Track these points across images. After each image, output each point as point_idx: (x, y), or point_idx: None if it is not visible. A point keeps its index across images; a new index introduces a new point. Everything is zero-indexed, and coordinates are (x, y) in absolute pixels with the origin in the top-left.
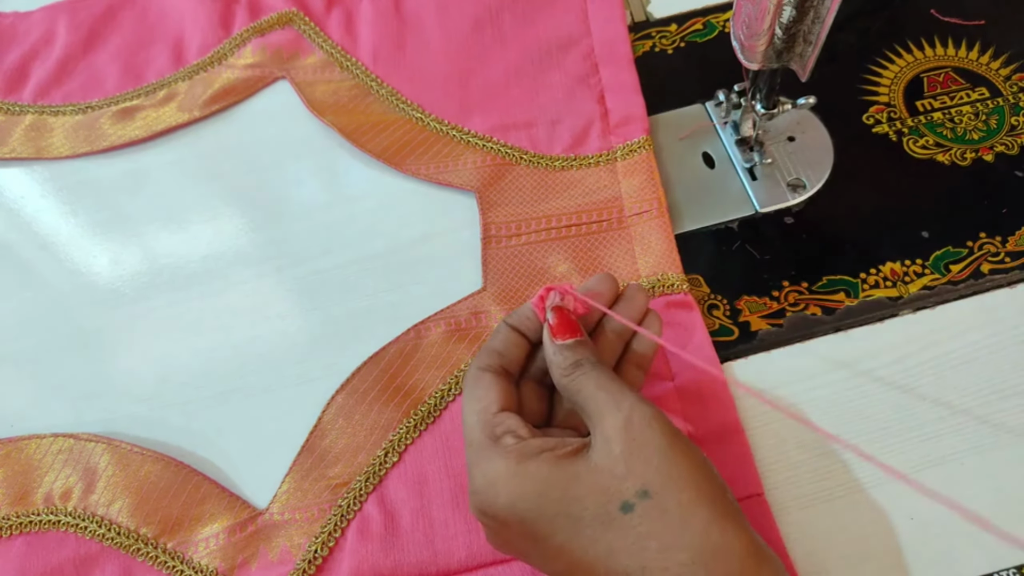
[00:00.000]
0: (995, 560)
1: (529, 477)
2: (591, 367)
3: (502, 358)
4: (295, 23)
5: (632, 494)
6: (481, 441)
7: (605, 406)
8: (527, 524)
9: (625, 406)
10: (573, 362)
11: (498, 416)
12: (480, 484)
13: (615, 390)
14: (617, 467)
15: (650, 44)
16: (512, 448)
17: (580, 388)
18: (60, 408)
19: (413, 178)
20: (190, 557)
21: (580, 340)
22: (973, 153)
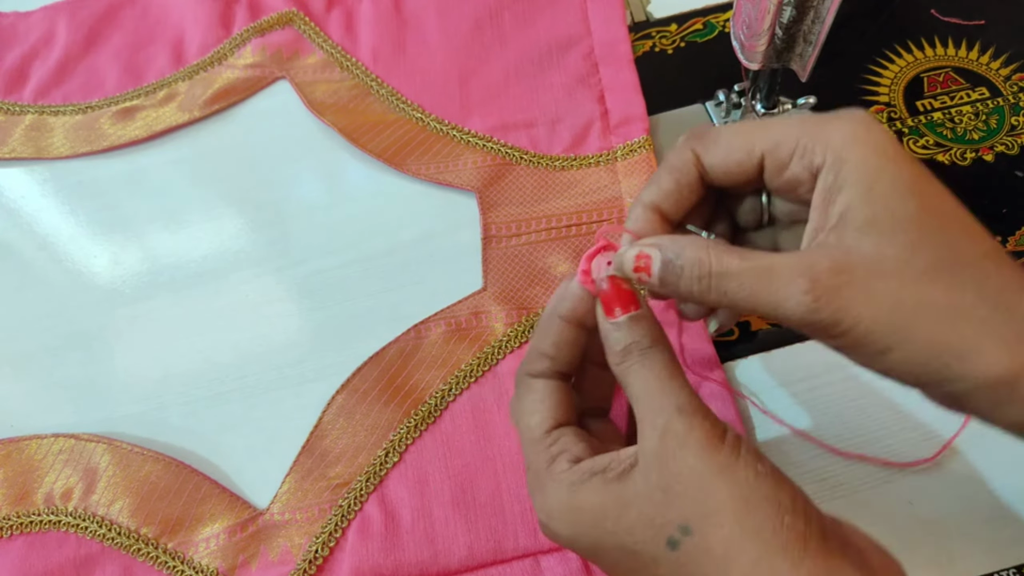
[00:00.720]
0: (995, 560)
1: (583, 510)
2: (639, 355)
3: (553, 361)
4: (295, 23)
5: (675, 528)
6: (536, 466)
7: (645, 416)
8: (593, 555)
9: (660, 422)
10: (623, 347)
11: (551, 435)
12: (542, 517)
13: (657, 392)
14: (656, 496)
15: (650, 44)
16: (564, 476)
17: (627, 383)
18: (60, 408)
19: (413, 178)
20: (191, 557)
21: (634, 316)
22: (973, 153)
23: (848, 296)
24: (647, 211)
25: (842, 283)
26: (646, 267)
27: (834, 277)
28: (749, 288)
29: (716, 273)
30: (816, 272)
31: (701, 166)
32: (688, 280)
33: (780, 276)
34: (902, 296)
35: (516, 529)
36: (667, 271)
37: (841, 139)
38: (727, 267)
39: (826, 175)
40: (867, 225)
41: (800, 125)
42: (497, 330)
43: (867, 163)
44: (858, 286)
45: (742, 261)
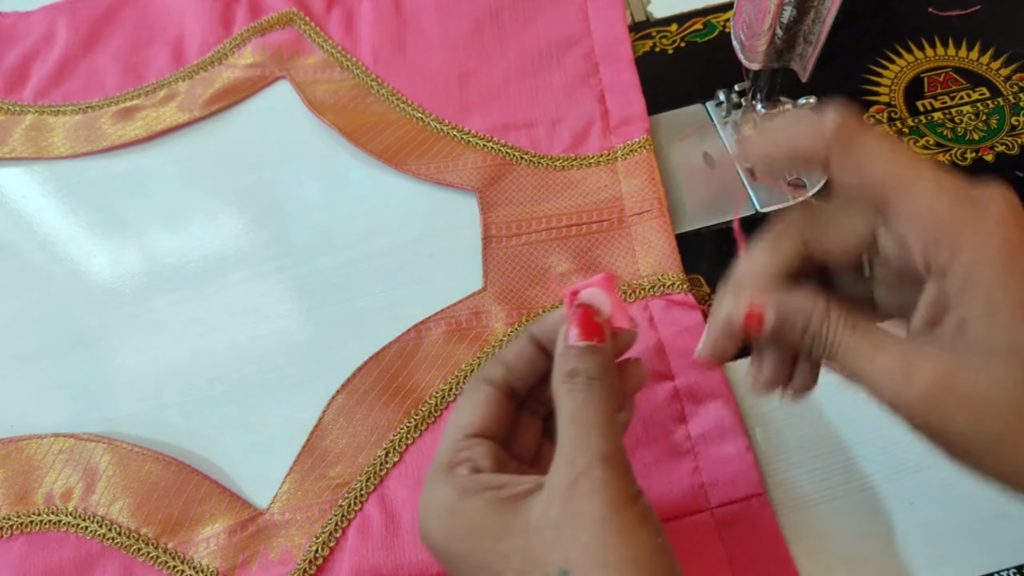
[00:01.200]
0: (995, 560)
1: (464, 516)
2: (585, 382)
3: (509, 373)
4: (295, 23)
5: (555, 570)
6: (439, 464)
7: (567, 450)
8: (456, 566)
9: (581, 462)
10: (570, 369)
11: (468, 440)
12: (422, 510)
13: (586, 430)
14: (548, 533)
15: (650, 44)
16: (459, 480)
17: (562, 404)
18: (60, 408)
19: (413, 178)
20: (191, 557)
21: (594, 346)
22: (973, 153)
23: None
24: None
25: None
26: (758, 323)
27: (932, 382)
28: (853, 364)
29: (830, 342)
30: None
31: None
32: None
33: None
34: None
35: None
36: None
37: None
38: (840, 338)
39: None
40: (981, 346)
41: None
42: (497, 330)
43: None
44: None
45: (853, 334)
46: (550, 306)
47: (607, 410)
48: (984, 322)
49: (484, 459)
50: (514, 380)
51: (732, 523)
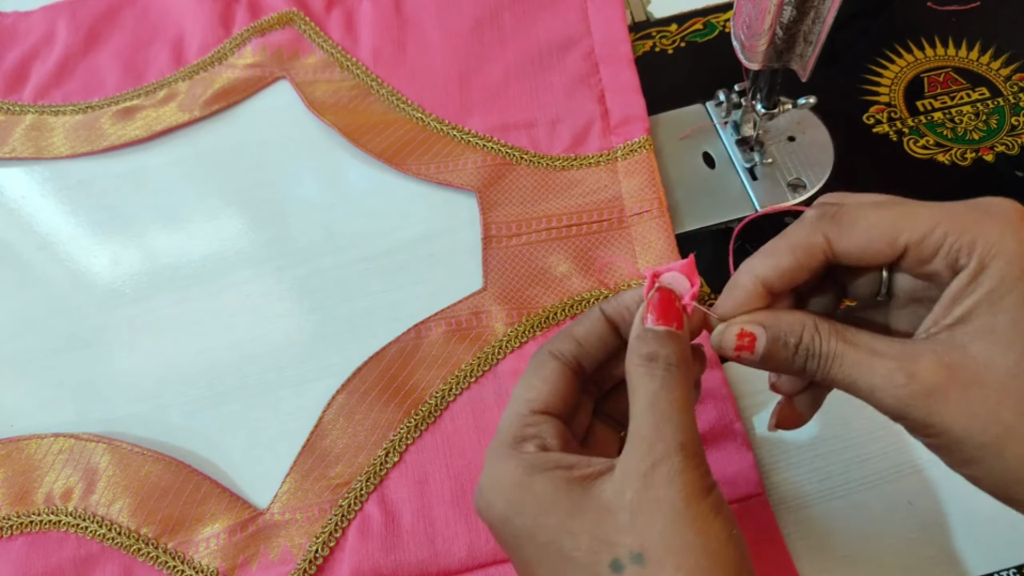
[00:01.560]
0: (995, 560)
1: (532, 492)
2: (664, 369)
3: (580, 348)
4: (295, 23)
5: (626, 553)
6: (504, 438)
7: (644, 436)
8: (518, 541)
9: (659, 448)
10: (649, 352)
11: (536, 416)
12: (485, 484)
13: (665, 417)
14: (622, 515)
15: (650, 44)
16: (527, 456)
17: (637, 387)
18: (60, 408)
19: (413, 178)
20: (191, 557)
21: (672, 333)
22: (973, 153)
23: (944, 399)
24: (756, 286)
25: (941, 384)
26: (749, 346)
27: (934, 376)
28: (850, 373)
29: (825, 354)
30: (917, 368)
31: (831, 250)
32: (800, 358)
33: (881, 364)
34: (1000, 412)
35: None
36: (775, 347)
37: (991, 242)
38: (834, 349)
39: (963, 277)
40: (984, 330)
41: (950, 218)
42: (497, 330)
43: (1006, 271)
44: (957, 391)
45: (846, 344)
46: (550, 306)
47: (685, 398)
48: (989, 309)
49: (552, 437)
50: (583, 357)
51: None
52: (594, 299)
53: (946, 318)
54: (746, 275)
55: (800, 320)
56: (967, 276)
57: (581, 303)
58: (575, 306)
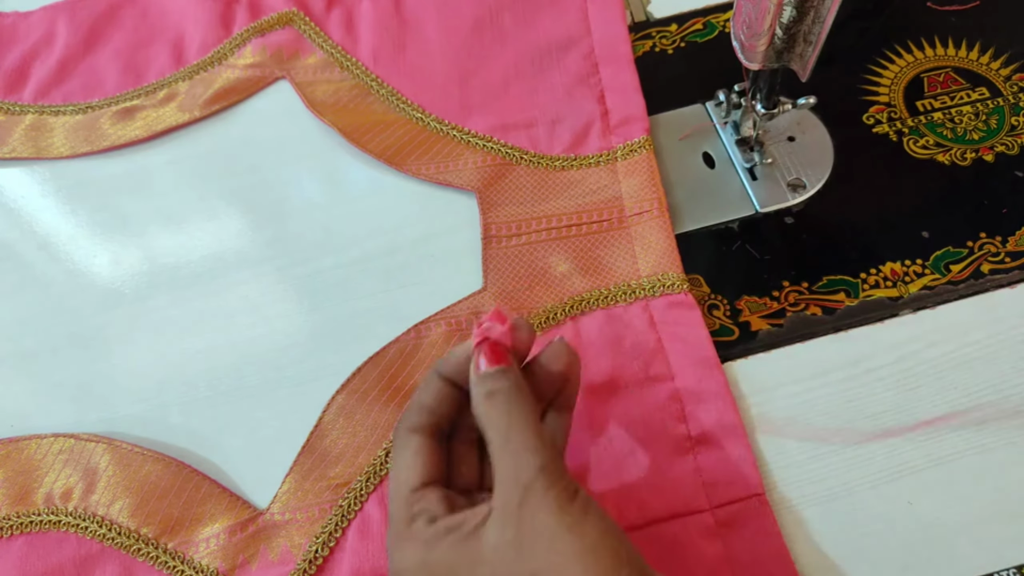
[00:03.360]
0: (995, 560)
1: (436, 566)
2: (505, 399)
3: (432, 415)
4: (295, 23)
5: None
6: (397, 523)
7: (507, 469)
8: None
9: (524, 478)
10: (489, 391)
11: (417, 493)
12: (396, 571)
13: (520, 448)
14: (508, 552)
15: (650, 44)
16: (421, 534)
17: (487, 426)
18: (60, 408)
19: (413, 178)
20: (191, 557)
21: (503, 369)
22: (973, 153)
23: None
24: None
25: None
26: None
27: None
28: None
29: None
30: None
31: None
32: None
33: None
34: None
35: None
36: None
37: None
38: None
39: None
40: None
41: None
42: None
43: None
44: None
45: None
46: (550, 306)
47: (532, 421)
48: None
49: (436, 505)
50: (439, 420)
51: (732, 523)
52: (594, 299)
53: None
54: None
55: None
56: None
57: (581, 303)
58: (575, 306)
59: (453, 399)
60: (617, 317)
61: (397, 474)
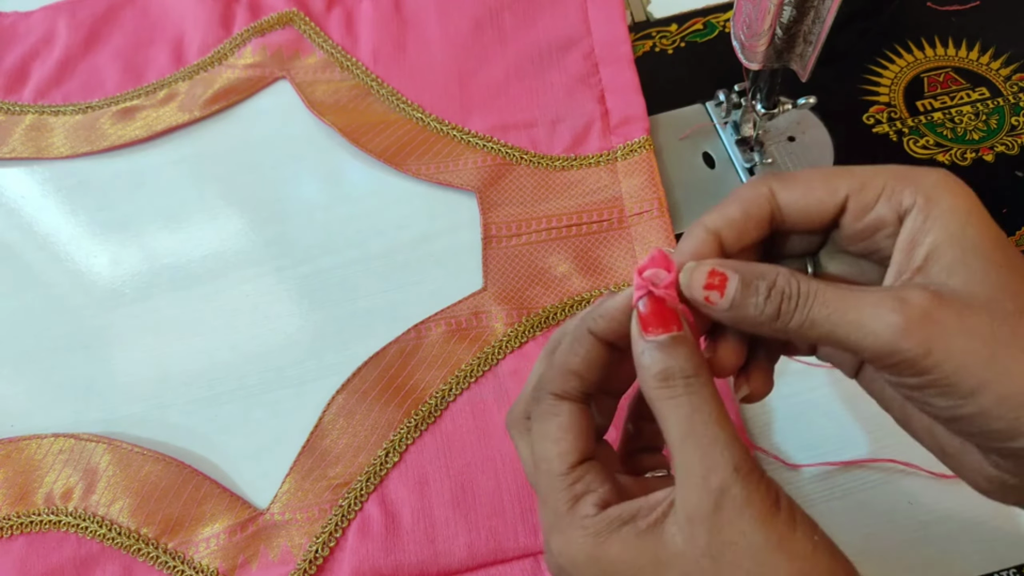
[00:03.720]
0: (995, 560)
1: (612, 563)
2: (684, 386)
3: (582, 380)
4: (295, 23)
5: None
6: (556, 505)
7: (693, 467)
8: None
9: (715, 480)
10: (662, 370)
11: (576, 470)
12: (562, 562)
13: (708, 441)
14: (703, 561)
15: (650, 44)
16: (590, 522)
17: (666, 415)
18: (60, 408)
19: (413, 178)
20: (191, 557)
21: (676, 337)
22: (973, 153)
23: (942, 326)
24: (708, 234)
25: (935, 308)
26: (720, 284)
27: (927, 302)
28: (833, 310)
29: (803, 293)
30: (908, 297)
31: (775, 202)
32: (772, 302)
33: (867, 300)
34: (996, 331)
35: (516, 528)
36: (747, 292)
37: (932, 184)
38: (812, 288)
39: (915, 216)
40: (956, 264)
41: (886, 170)
42: (497, 330)
43: (958, 207)
44: (953, 317)
45: (826, 285)
46: (550, 306)
47: (718, 409)
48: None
49: (601, 486)
50: (589, 387)
51: None
52: (594, 299)
53: (912, 262)
54: (698, 227)
55: (771, 267)
56: (919, 215)
57: (581, 303)
58: (575, 306)
59: (605, 360)
60: None
61: (546, 449)
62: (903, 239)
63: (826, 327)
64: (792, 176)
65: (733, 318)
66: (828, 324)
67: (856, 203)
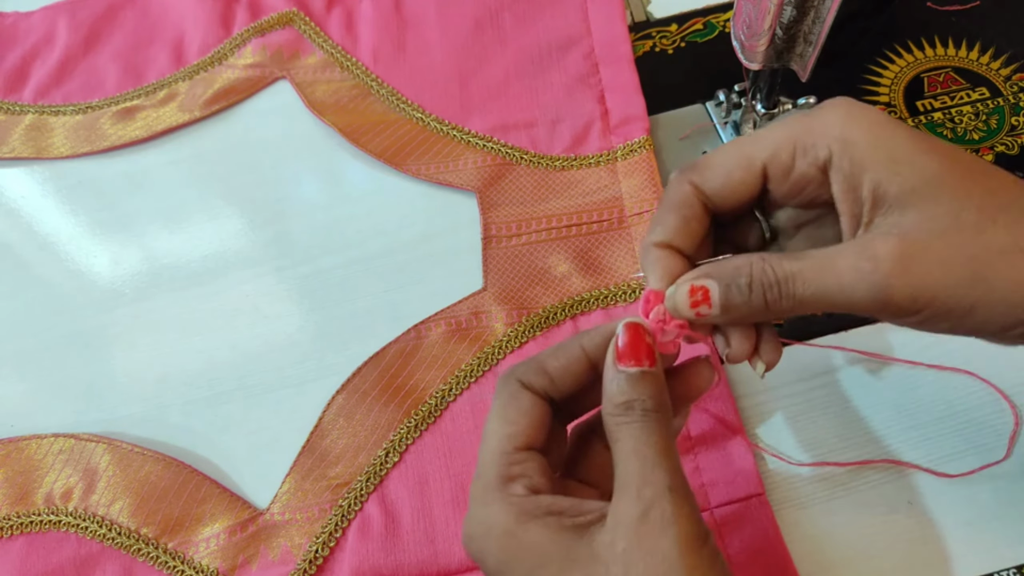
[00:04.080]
0: (995, 560)
1: (525, 542)
2: (641, 417)
3: (551, 381)
4: (295, 23)
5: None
6: (490, 479)
7: (631, 481)
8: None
9: (648, 494)
10: (625, 401)
11: (519, 454)
12: (476, 530)
13: (650, 462)
14: (614, 568)
15: (650, 44)
16: (517, 500)
17: (618, 438)
18: (60, 408)
19: (413, 178)
20: (191, 557)
21: (646, 372)
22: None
23: (918, 263)
24: (661, 251)
25: (906, 252)
26: (704, 299)
27: (897, 249)
28: (816, 284)
29: (782, 279)
30: (877, 251)
31: (702, 194)
32: (757, 296)
33: (843, 265)
34: (971, 250)
35: None
36: (731, 294)
37: (839, 125)
38: (788, 270)
39: (839, 162)
40: (905, 194)
41: (790, 126)
42: (497, 330)
43: (876, 137)
44: (925, 254)
45: (799, 261)
46: (550, 306)
47: (667, 441)
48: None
49: (538, 476)
50: (555, 391)
51: (732, 523)
52: (594, 299)
53: (861, 205)
54: (651, 249)
55: (744, 260)
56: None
57: (581, 303)
58: (575, 306)
59: (579, 376)
60: (617, 317)
61: (499, 426)
62: (839, 188)
63: (814, 300)
64: (707, 163)
65: (729, 320)
66: (815, 297)
67: (775, 169)
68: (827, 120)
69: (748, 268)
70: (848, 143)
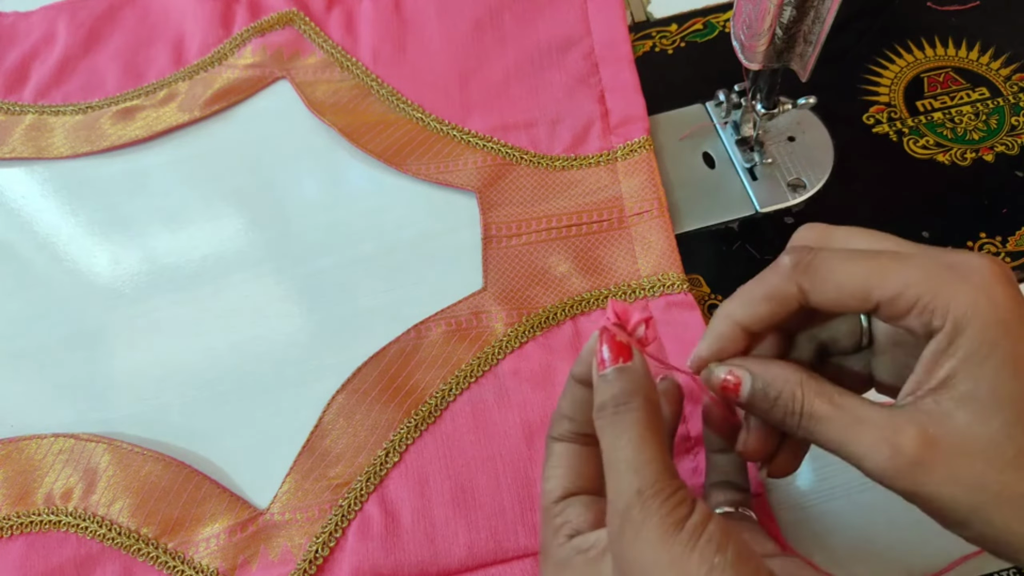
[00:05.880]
0: (995, 560)
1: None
2: (612, 412)
3: (572, 421)
4: (295, 23)
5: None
6: (544, 536)
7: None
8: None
9: (620, 503)
10: (599, 403)
11: (559, 504)
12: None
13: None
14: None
15: (650, 44)
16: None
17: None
18: (60, 408)
19: (413, 178)
20: (191, 557)
21: (620, 367)
22: (973, 153)
23: (930, 470)
24: (734, 328)
25: (926, 457)
26: (735, 388)
27: (919, 449)
28: (836, 437)
29: (806, 414)
30: (901, 440)
31: (805, 299)
32: (778, 413)
33: (867, 434)
34: (986, 481)
35: (516, 528)
36: (756, 398)
37: (964, 305)
38: (817, 411)
39: (941, 339)
40: (966, 398)
41: (923, 277)
42: (497, 330)
43: (983, 336)
44: (942, 462)
45: (832, 408)
46: (550, 306)
47: (641, 434)
48: (969, 375)
49: (580, 517)
50: (582, 427)
51: None
52: (594, 299)
53: (928, 382)
54: (722, 320)
55: (785, 376)
56: (944, 339)
57: (581, 303)
58: (575, 306)
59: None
60: None
61: (543, 485)
62: (926, 357)
63: (829, 448)
64: (822, 275)
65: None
66: (831, 447)
67: (887, 311)
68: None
69: (781, 384)
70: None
